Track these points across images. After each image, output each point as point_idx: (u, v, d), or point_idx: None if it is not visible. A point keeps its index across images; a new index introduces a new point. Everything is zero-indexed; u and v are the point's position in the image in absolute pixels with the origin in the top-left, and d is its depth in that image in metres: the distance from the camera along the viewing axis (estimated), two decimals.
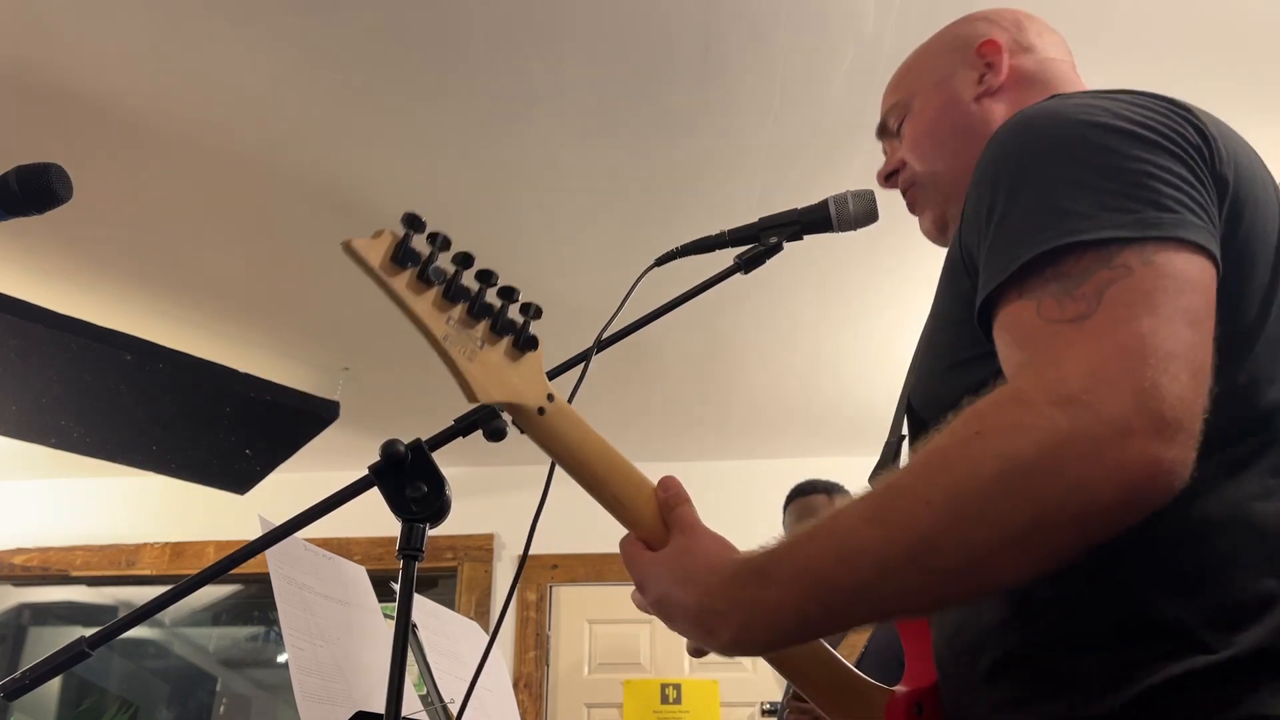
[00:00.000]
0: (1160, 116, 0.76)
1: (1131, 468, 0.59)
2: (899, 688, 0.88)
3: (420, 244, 0.74)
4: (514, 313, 0.78)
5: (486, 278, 0.76)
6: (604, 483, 0.82)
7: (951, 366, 0.82)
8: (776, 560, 0.71)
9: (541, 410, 0.80)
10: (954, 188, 0.98)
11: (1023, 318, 0.68)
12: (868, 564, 0.65)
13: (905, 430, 0.93)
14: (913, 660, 0.89)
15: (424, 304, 0.75)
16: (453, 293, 0.75)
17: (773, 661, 0.85)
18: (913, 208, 1.08)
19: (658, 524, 0.82)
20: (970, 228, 0.78)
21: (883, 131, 1.14)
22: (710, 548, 0.79)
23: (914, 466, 0.67)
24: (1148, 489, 0.59)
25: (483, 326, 0.77)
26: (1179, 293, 0.64)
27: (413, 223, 0.75)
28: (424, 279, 0.75)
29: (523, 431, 0.81)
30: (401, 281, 0.74)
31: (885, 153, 1.13)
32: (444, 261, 0.75)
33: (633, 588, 0.83)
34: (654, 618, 0.81)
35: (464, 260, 0.75)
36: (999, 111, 1.00)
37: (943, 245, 1.04)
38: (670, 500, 0.84)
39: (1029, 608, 0.74)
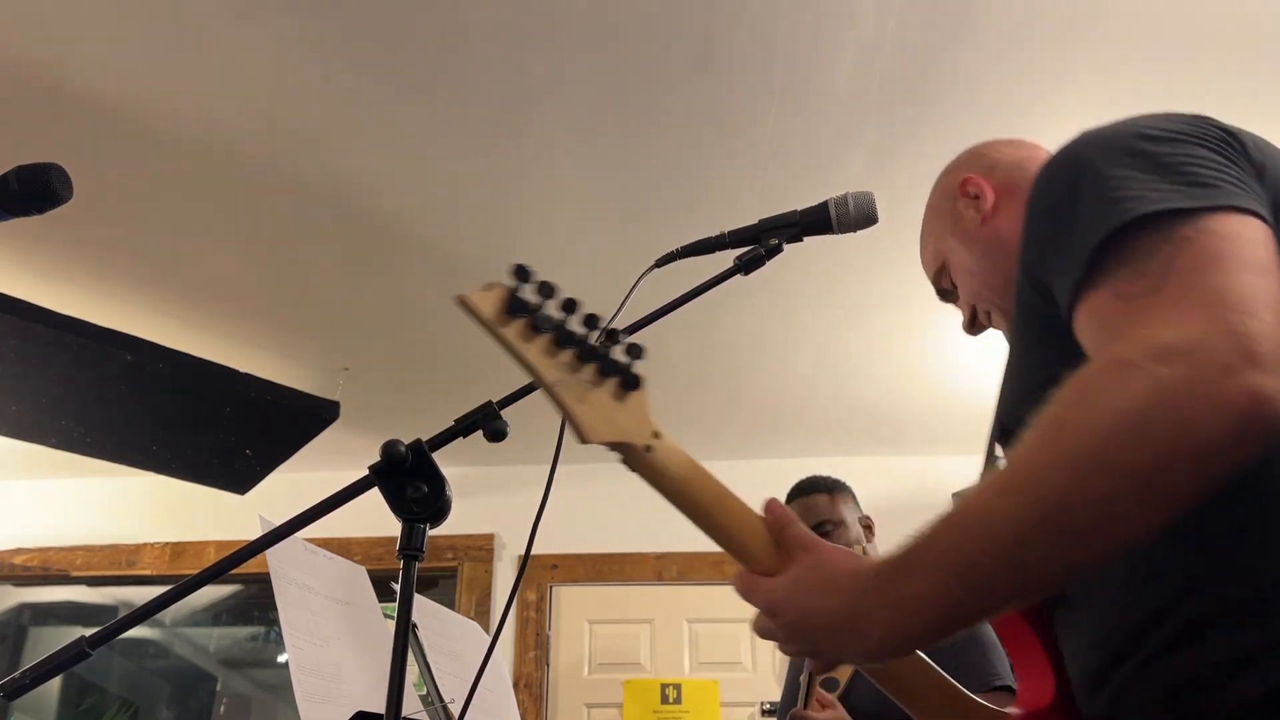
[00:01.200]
0: (1181, 121, 0.82)
1: (1237, 400, 0.62)
2: (1012, 710, 0.90)
3: (529, 293, 0.77)
4: (618, 354, 0.81)
5: (593, 322, 0.79)
6: (711, 515, 0.85)
7: (1040, 385, 0.83)
8: (918, 552, 0.72)
9: (649, 448, 0.84)
10: (1001, 292, 1.11)
11: (1101, 305, 0.73)
12: (1005, 535, 0.67)
13: (1000, 455, 0.97)
14: (1027, 682, 0.90)
15: (534, 351, 0.77)
16: (561, 339, 0.78)
17: (887, 683, 0.88)
18: (1001, 325, 1.17)
19: (768, 549, 0.83)
20: (1032, 251, 0.85)
21: (944, 295, 1.24)
22: (840, 557, 0.80)
23: (1031, 438, 0.69)
24: (1255, 419, 0.62)
25: (590, 369, 0.80)
26: (1240, 249, 0.69)
27: (521, 274, 0.76)
28: (535, 328, 0.77)
29: (632, 469, 0.85)
30: (513, 331, 0.77)
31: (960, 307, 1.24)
32: (551, 308, 0.77)
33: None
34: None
35: (569, 306, 0.78)
36: (1004, 223, 1.13)
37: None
38: (780, 521, 0.85)
39: (1177, 592, 0.75)
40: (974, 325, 1.20)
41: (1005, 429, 0.92)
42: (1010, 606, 0.78)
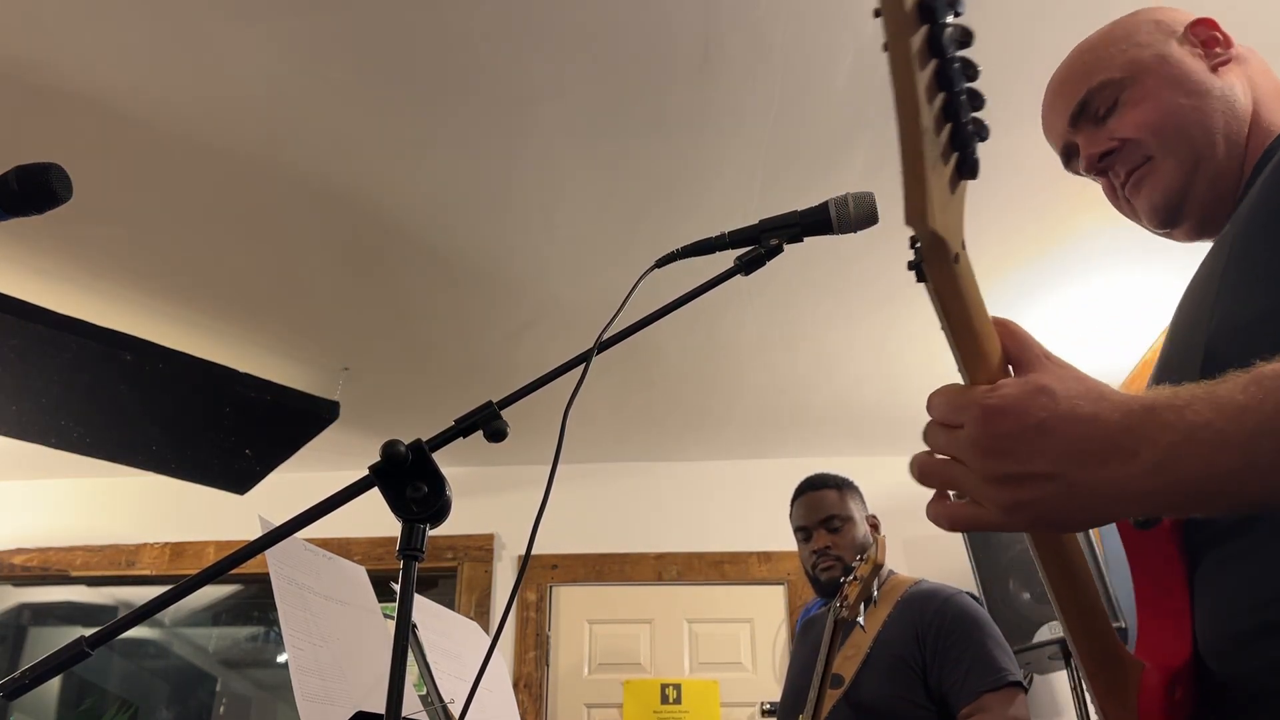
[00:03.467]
0: None
1: None
2: (1145, 662, 0.81)
3: None
4: (972, 125, 0.62)
5: (972, 70, 0.61)
6: (980, 337, 0.68)
7: None
8: (1225, 390, 0.63)
9: (957, 257, 0.65)
10: (1205, 158, 0.97)
11: None
12: None
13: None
14: (1161, 636, 0.81)
15: (924, 80, 0.58)
16: (946, 77, 0.59)
17: (1069, 606, 0.76)
18: (1134, 186, 1.03)
19: (1002, 370, 0.70)
20: None
21: (1079, 118, 1.07)
22: (1099, 382, 0.68)
23: None
24: None
25: (947, 131, 0.61)
26: None
27: None
28: (933, 48, 0.58)
29: (920, 278, 0.66)
30: (918, 40, 0.57)
31: (1072, 144, 1.09)
32: (951, 29, 0.59)
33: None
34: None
35: (966, 38, 0.60)
36: (1237, 83, 1.00)
37: (1164, 227, 1.03)
38: (1017, 332, 0.71)
39: None
40: (1103, 162, 1.04)
41: (1213, 354, 0.82)
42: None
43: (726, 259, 1.18)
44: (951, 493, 0.70)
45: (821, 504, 2.27)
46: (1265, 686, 0.74)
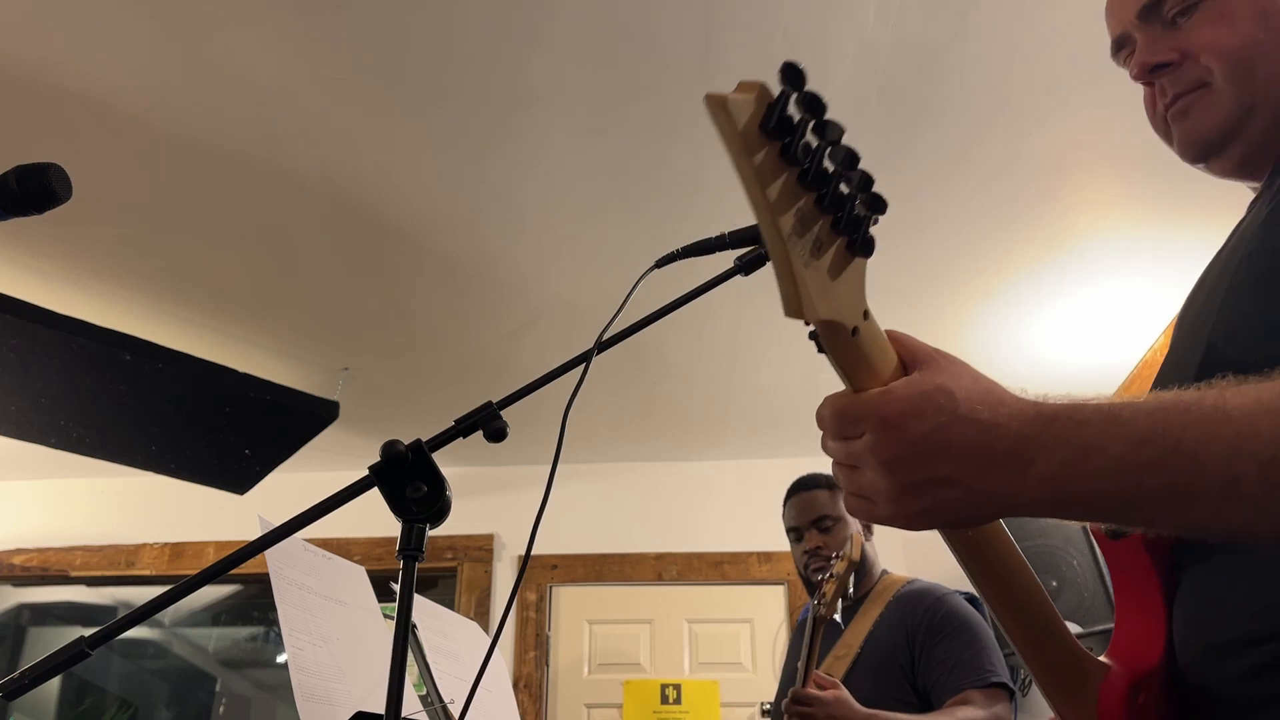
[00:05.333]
0: None
1: None
2: (1108, 661, 0.80)
3: (794, 108, 0.58)
4: (860, 208, 0.63)
5: (850, 161, 0.61)
6: (878, 372, 0.70)
7: None
8: (1125, 411, 0.62)
9: (855, 330, 0.66)
10: (1263, 107, 0.89)
11: None
12: (1248, 451, 0.58)
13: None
14: (1131, 640, 0.80)
15: (776, 190, 0.58)
16: (810, 179, 0.60)
17: (998, 604, 0.75)
18: (1180, 112, 0.94)
19: (896, 374, 0.69)
20: None
21: (1148, 14, 0.97)
22: (992, 382, 0.67)
23: None
24: None
25: (824, 223, 0.62)
26: None
27: (792, 77, 0.57)
28: (787, 157, 0.58)
29: (820, 349, 0.69)
30: (764, 157, 0.57)
31: (1132, 44, 1.01)
32: (810, 133, 0.59)
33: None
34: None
35: (832, 132, 0.60)
36: None
37: (1197, 161, 0.96)
38: (904, 338, 0.71)
39: None
40: (1156, 73, 0.96)
41: (1216, 346, 0.81)
42: (1178, 526, 0.66)
43: (726, 259, 1.18)
44: None
45: (813, 504, 2.27)
46: (1246, 696, 0.73)
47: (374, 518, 1.29)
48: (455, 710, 1.65)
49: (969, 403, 0.64)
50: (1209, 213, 2.58)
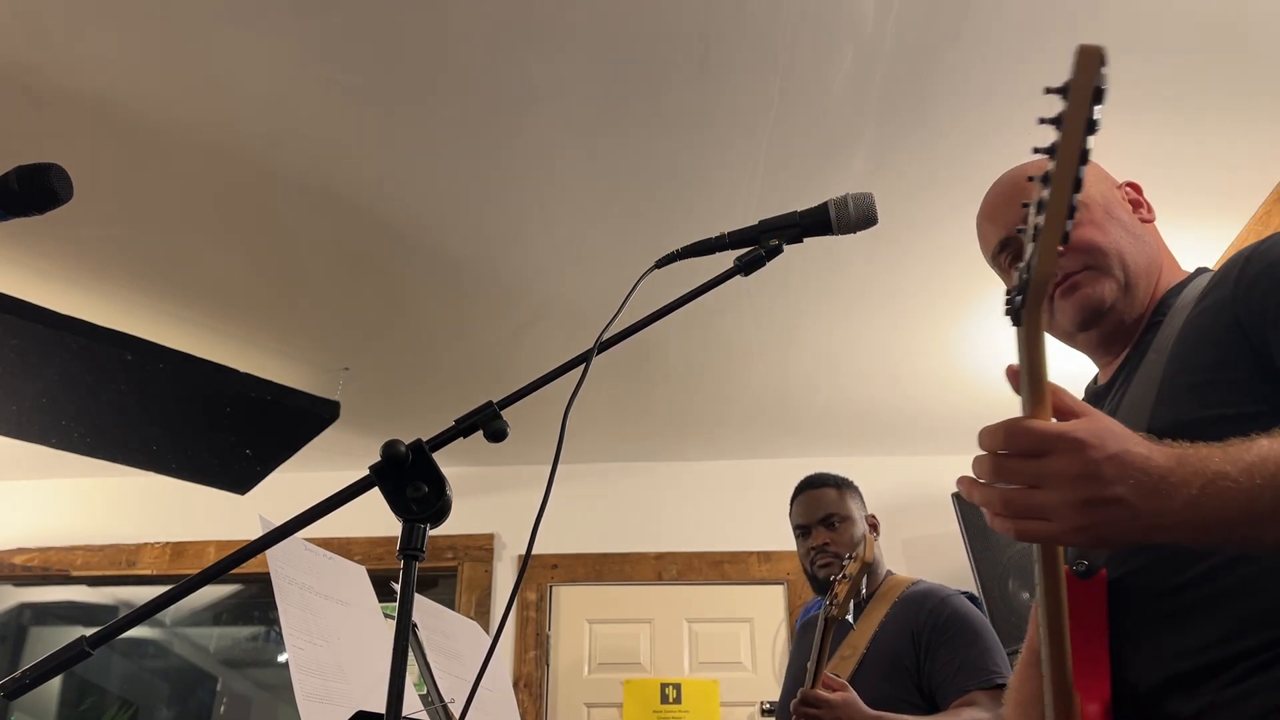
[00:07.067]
0: None
1: None
2: (1085, 702, 0.93)
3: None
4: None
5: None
6: (1044, 380, 0.80)
7: (1228, 419, 0.92)
8: (1236, 450, 0.79)
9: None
10: (1133, 286, 1.15)
11: None
12: None
13: None
14: (1086, 677, 0.93)
15: (1087, 146, 0.71)
16: (1088, 151, 0.72)
17: (1052, 621, 0.85)
18: (1069, 288, 1.15)
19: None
20: (1257, 305, 0.97)
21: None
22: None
23: None
24: None
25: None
26: None
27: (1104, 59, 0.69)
28: (1094, 124, 0.70)
29: (1016, 321, 0.78)
30: (1093, 115, 0.70)
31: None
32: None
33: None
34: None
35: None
36: (1154, 239, 1.20)
37: (1083, 329, 1.17)
38: (1061, 390, 0.83)
39: None
40: (1056, 286, 1.16)
41: (1173, 425, 0.94)
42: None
43: (726, 259, 1.18)
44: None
45: (820, 502, 2.27)
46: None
47: (375, 517, 1.30)
48: (455, 710, 1.65)
49: (1128, 439, 0.78)
50: (1203, 217, 2.59)
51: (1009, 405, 0.79)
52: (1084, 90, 0.68)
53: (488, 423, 0.94)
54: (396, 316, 3.13)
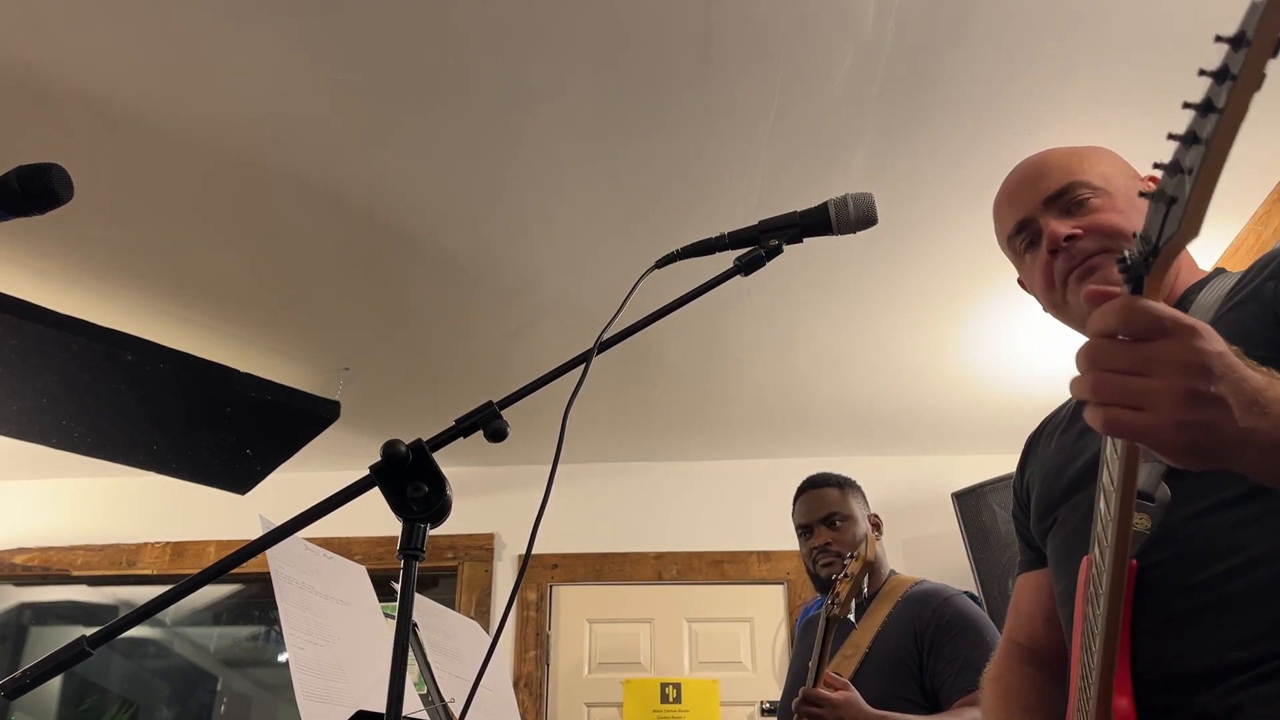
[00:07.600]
0: None
1: None
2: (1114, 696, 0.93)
3: None
4: None
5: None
6: None
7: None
8: None
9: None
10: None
11: None
12: None
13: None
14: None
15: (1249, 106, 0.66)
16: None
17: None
18: (1085, 272, 1.15)
19: None
20: None
21: (1053, 201, 1.20)
22: None
23: None
24: None
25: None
26: None
27: None
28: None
29: (1136, 289, 0.74)
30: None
31: (1042, 226, 1.21)
32: None
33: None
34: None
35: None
36: None
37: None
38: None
39: None
40: (1069, 241, 1.16)
41: None
42: None
43: (726, 259, 1.18)
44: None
45: (823, 501, 2.28)
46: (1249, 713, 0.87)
47: (375, 517, 1.30)
48: (455, 709, 1.65)
49: (1232, 357, 0.73)
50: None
51: (1009, 405, 0.79)
52: (1269, 39, 0.61)
53: (488, 423, 0.94)
54: (397, 317, 3.13)
